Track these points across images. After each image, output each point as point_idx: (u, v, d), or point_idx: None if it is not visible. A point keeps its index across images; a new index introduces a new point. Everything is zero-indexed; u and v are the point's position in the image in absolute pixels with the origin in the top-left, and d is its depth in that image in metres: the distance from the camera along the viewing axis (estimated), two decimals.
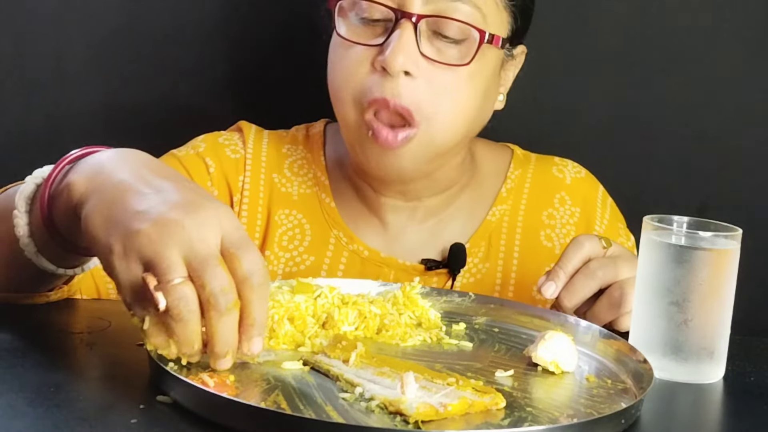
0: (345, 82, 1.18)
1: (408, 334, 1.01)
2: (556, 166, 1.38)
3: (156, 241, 0.80)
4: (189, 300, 0.79)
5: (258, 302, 0.82)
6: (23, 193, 0.97)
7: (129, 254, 0.81)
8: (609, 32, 1.57)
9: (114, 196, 0.86)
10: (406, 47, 1.14)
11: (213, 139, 1.32)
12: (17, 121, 1.55)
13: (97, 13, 1.54)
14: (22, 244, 0.97)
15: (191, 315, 0.80)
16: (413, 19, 1.15)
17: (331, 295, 1.01)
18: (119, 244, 0.82)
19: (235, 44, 1.57)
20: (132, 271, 0.81)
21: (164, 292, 0.79)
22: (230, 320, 0.81)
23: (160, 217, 0.82)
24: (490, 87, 1.22)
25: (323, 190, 1.31)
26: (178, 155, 1.29)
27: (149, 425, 0.77)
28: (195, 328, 0.80)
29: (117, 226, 0.83)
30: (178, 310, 0.79)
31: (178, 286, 0.79)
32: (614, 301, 1.07)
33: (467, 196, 1.33)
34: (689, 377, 0.97)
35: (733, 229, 0.98)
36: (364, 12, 1.18)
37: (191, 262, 0.80)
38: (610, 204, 1.37)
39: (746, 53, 1.57)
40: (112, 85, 1.56)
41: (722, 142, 1.58)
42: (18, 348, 0.92)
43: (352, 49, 1.18)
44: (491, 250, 1.31)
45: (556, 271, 1.09)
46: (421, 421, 0.78)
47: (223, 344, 0.81)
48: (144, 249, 0.80)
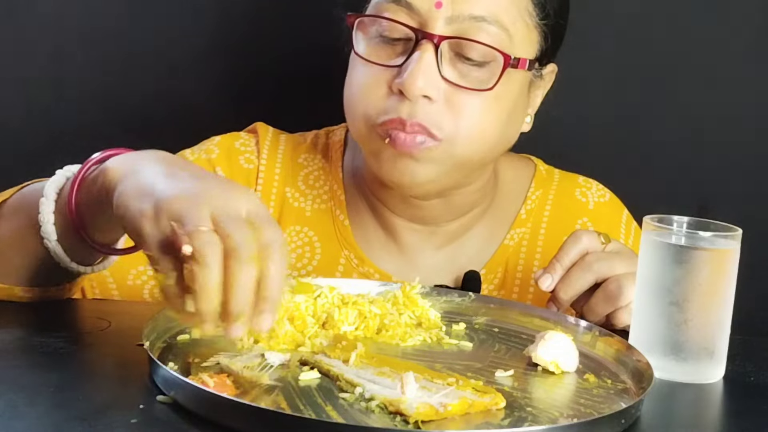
0: (359, 102, 1.14)
1: (408, 334, 1.01)
2: (580, 189, 1.33)
3: (187, 202, 0.82)
4: (213, 245, 0.79)
5: (274, 276, 0.81)
6: (54, 182, 0.99)
7: (160, 214, 0.82)
8: (609, 32, 1.57)
9: (147, 177, 0.88)
10: (426, 70, 1.09)
11: (229, 143, 1.28)
12: (17, 121, 1.55)
13: (98, 12, 1.54)
14: (43, 232, 0.98)
15: (214, 261, 0.79)
16: (435, 40, 1.10)
17: (331, 295, 1.01)
18: (151, 207, 0.83)
19: (235, 41, 1.57)
20: (161, 227, 0.82)
21: (190, 237, 0.79)
22: (249, 274, 0.80)
23: (192, 186, 0.84)
24: (515, 109, 1.17)
25: (338, 206, 1.27)
26: (189, 158, 1.26)
27: (149, 425, 0.77)
28: (216, 278, 0.79)
29: (150, 195, 0.85)
30: (203, 254, 0.78)
31: (204, 233, 0.79)
32: (610, 295, 1.08)
33: (486, 220, 1.29)
34: (689, 377, 0.97)
35: (733, 229, 0.98)
36: (384, 30, 1.13)
37: (218, 218, 0.81)
38: (634, 228, 1.33)
39: (746, 53, 1.57)
40: (112, 82, 1.56)
41: (722, 142, 1.59)
42: (18, 348, 0.92)
43: (370, 69, 1.13)
44: (507, 277, 1.27)
45: (553, 264, 1.10)
46: (421, 421, 0.78)
47: (239, 301, 0.79)
48: (174, 208, 0.82)
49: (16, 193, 1.05)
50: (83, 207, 0.97)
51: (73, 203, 0.97)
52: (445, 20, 1.10)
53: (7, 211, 1.04)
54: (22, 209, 1.02)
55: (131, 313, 1.06)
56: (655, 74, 1.57)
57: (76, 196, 0.97)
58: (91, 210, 0.96)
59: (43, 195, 0.99)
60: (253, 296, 0.80)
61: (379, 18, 1.12)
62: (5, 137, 1.54)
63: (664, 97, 1.58)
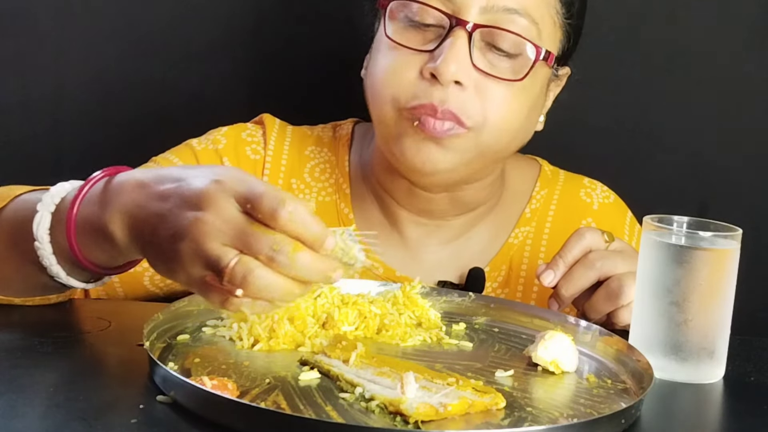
0: (388, 84, 1.14)
1: (408, 334, 1.01)
2: (584, 189, 1.34)
3: (194, 246, 0.82)
4: (255, 269, 0.81)
5: (300, 224, 0.81)
6: (41, 225, 0.95)
7: (178, 271, 0.84)
8: (609, 32, 1.57)
9: (137, 221, 0.89)
10: (458, 57, 1.10)
11: (236, 133, 1.28)
12: (17, 121, 1.55)
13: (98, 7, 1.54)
14: (51, 273, 0.96)
15: (264, 281, 0.81)
16: (468, 27, 1.11)
17: (331, 295, 1.01)
18: (166, 268, 0.86)
19: (240, 35, 1.57)
20: (194, 277, 0.83)
21: (228, 278, 0.81)
22: (303, 261, 0.81)
23: (180, 226, 0.83)
24: (535, 105, 1.19)
25: (343, 199, 1.27)
26: (196, 148, 1.25)
27: (149, 425, 0.77)
28: (280, 285, 0.82)
29: (155, 251, 0.86)
30: (253, 287, 0.81)
31: (236, 267, 0.80)
32: (612, 293, 1.08)
33: (491, 218, 1.29)
34: (689, 377, 0.97)
35: (733, 229, 0.98)
36: (416, 15, 1.13)
37: (233, 242, 0.81)
38: (637, 230, 1.33)
39: (746, 53, 1.57)
40: (111, 77, 1.55)
41: (722, 142, 1.59)
42: (18, 348, 0.92)
43: (400, 52, 1.14)
44: (511, 275, 1.28)
45: (556, 261, 1.10)
46: (421, 421, 0.78)
47: (315, 275, 0.82)
48: (188, 260, 0.83)
49: (6, 206, 1.01)
50: (82, 243, 0.94)
51: (74, 241, 0.94)
52: (479, 9, 1.11)
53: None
54: (14, 235, 0.98)
55: (131, 313, 1.06)
56: (655, 74, 1.57)
57: (75, 233, 0.94)
58: (91, 248, 0.94)
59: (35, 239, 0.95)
60: (316, 258, 0.82)
61: (414, 2, 1.13)
62: (5, 137, 1.54)
63: (664, 97, 1.58)
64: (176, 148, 1.27)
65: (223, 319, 0.98)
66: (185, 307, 0.98)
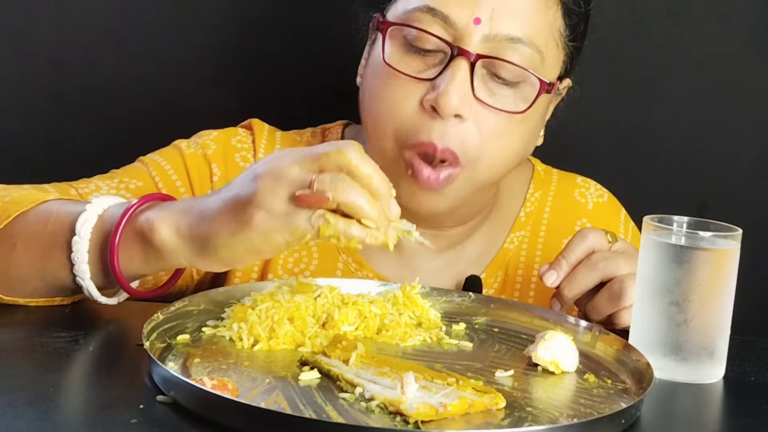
0: (389, 116, 1.12)
1: (408, 334, 1.01)
2: (578, 189, 1.33)
3: (274, 175, 0.87)
4: (338, 175, 0.87)
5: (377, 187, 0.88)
6: (87, 221, 0.96)
7: (255, 215, 0.87)
8: (609, 32, 1.57)
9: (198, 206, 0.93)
10: (460, 88, 1.08)
11: (226, 139, 1.26)
12: (17, 121, 1.55)
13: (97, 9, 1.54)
14: (77, 270, 0.97)
15: (349, 184, 0.86)
16: (471, 58, 1.08)
17: (331, 295, 1.01)
18: (234, 228, 0.89)
19: (233, 39, 1.57)
20: (277, 208, 0.87)
21: (318, 183, 0.85)
22: (375, 178, 0.88)
23: (250, 178, 0.89)
24: (537, 128, 1.18)
25: None
26: (184, 152, 1.23)
27: (149, 425, 0.77)
28: (359, 189, 0.87)
29: (218, 226, 0.90)
30: (340, 187, 0.86)
31: (322, 175, 0.86)
32: (614, 295, 1.07)
33: (487, 224, 1.28)
34: (689, 377, 0.97)
35: (733, 229, 0.98)
36: (416, 40, 1.10)
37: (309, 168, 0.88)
38: (632, 228, 1.33)
39: (746, 53, 1.57)
40: (111, 77, 1.56)
41: (722, 142, 1.58)
42: (18, 348, 0.92)
43: (399, 80, 1.11)
44: (507, 280, 1.27)
45: (559, 261, 1.09)
46: (421, 421, 0.79)
47: (386, 188, 0.89)
48: (269, 193, 0.87)
49: (31, 210, 1.01)
50: (122, 249, 0.95)
51: (117, 261, 0.95)
52: (482, 37, 1.09)
53: (26, 235, 1.00)
54: (45, 239, 0.99)
55: (131, 313, 1.06)
56: (656, 73, 1.57)
57: (118, 251, 0.95)
58: (130, 252, 0.96)
59: (75, 233, 0.96)
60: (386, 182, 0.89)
61: (414, 28, 1.10)
62: (6, 137, 1.54)
63: (664, 97, 1.58)
64: (164, 150, 1.25)
65: (223, 319, 0.99)
66: (185, 307, 0.98)
